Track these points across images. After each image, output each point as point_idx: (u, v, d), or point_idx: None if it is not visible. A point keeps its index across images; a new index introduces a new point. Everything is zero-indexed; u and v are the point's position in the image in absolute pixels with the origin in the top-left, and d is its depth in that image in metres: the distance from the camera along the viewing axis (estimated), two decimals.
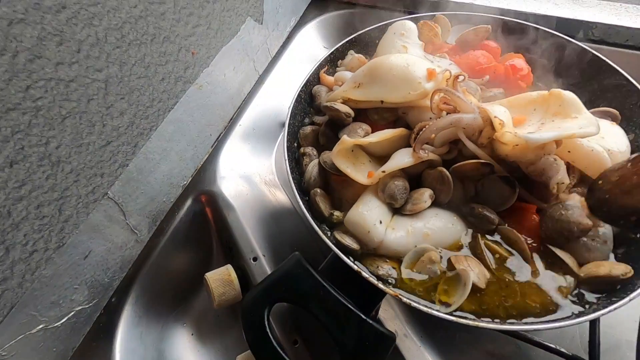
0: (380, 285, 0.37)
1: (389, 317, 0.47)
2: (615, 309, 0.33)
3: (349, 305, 0.37)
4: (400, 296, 0.37)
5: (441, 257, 0.41)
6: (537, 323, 0.36)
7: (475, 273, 0.39)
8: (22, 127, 0.29)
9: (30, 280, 0.33)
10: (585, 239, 0.39)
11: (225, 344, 0.52)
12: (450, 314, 0.36)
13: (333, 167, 0.46)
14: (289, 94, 0.73)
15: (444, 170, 0.43)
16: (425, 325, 0.48)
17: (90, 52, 0.33)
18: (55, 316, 0.37)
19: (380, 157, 0.48)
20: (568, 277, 0.38)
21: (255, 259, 0.51)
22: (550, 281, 0.38)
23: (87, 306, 0.41)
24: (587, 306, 0.36)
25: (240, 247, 0.52)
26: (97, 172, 0.37)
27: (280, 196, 0.61)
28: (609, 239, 0.39)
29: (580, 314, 0.35)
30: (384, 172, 0.42)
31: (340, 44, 0.60)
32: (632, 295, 0.34)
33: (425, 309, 0.35)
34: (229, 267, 0.51)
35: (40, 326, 0.36)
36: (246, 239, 0.53)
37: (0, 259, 0.31)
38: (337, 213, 0.45)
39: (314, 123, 0.57)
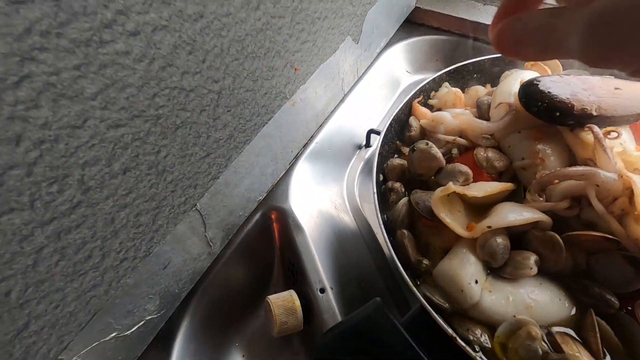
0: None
1: None
2: None
3: None
4: None
5: (542, 334, 0.36)
6: None
7: None
8: (141, 135, 0.28)
9: (115, 288, 0.32)
10: None
11: None
12: None
13: (428, 212, 0.42)
14: (367, 116, 0.71)
15: (556, 235, 0.38)
16: None
17: (212, 63, 0.32)
18: (128, 325, 0.36)
19: (473, 205, 0.44)
20: None
21: (322, 291, 0.48)
22: None
23: (155, 316, 0.39)
24: None
25: (308, 274, 0.49)
26: (192, 184, 0.36)
27: (349, 223, 0.58)
28: None
29: None
30: (489, 227, 0.38)
31: (438, 74, 0.56)
32: None
33: None
34: (293, 293, 0.48)
35: (113, 334, 0.34)
36: (314, 266, 0.50)
37: (95, 266, 0.29)
38: (425, 261, 0.41)
39: (400, 154, 0.53)
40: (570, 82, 0.45)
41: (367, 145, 0.67)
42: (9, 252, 0.23)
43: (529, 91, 0.44)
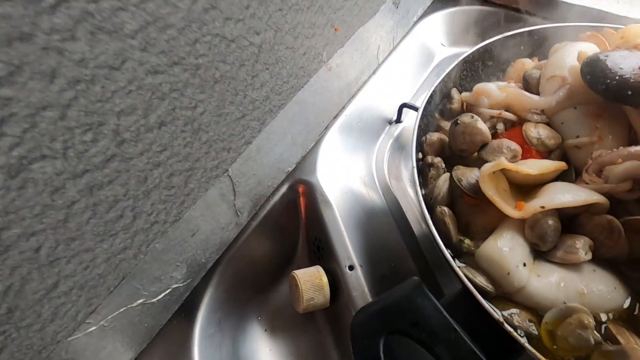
0: (529, 347, 0.31)
1: None
2: None
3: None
4: None
5: (594, 323, 0.34)
6: None
7: None
8: (179, 86, 0.25)
9: (144, 252, 0.30)
10: None
11: (299, 350, 0.48)
12: None
13: (473, 189, 0.39)
14: (398, 90, 0.67)
15: (615, 219, 0.35)
16: None
17: (256, 11, 0.29)
18: (155, 292, 0.34)
19: (518, 185, 0.41)
20: None
21: (351, 268, 0.46)
22: None
23: (181, 285, 0.38)
24: None
25: (335, 250, 0.47)
26: (226, 146, 0.33)
27: (377, 201, 0.55)
28: None
29: None
30: (542, 207, 0.35)
31: (482, 44, 0.52)
32: None
33: None
34: (320, 269, 0.47)
35: (141, 300, 0.33)
36: (342, 243, 0.48)
37: (126, 227, 0.27)
38: (468, 241, 0.39)
39: (438, 129, 0.50)
40: None
41: (398, 120, 0.63)
42: (40, 204, 0.21)
43: (596, 67, 0.40)
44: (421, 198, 0.40)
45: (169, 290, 0.36)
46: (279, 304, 0.51)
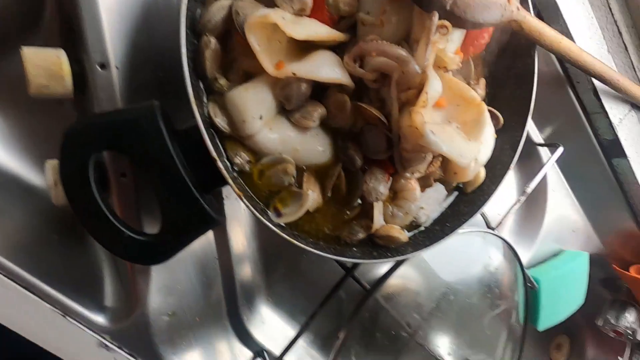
0: (230, 182, 0.37)
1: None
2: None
3: (191, 186, 0.36)
4: (242, 198, 0.38)
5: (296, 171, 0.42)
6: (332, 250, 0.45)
7: (313, 198, 0.43)
8: None
9: None
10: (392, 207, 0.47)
11: (35, 133, 0.44)
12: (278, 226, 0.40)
13: (244, 31, 0.36)
14: None
15: (349, 102, 0.41)
16: None
17: None
18: None
19: (297, 42, 0.41)
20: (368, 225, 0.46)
21: (103, 66, 0.40)
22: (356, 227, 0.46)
23: None
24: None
25: (88, 40, 0.39)
26: None
27: None
28: (413, 215, 0.48)
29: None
30: (294, 74, 0.37)
31: None
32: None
33: (258, 215, 0.38)
34: (63, 56, 0.39)
35: None
36: (99, 33, 0.40)
37: None
38: (222, 82, 0.38)
39: None
40: None
41: None
42: None
43: None
44: (183, 16, 0.34)
45: None
46: (17, 81, 0.43)
